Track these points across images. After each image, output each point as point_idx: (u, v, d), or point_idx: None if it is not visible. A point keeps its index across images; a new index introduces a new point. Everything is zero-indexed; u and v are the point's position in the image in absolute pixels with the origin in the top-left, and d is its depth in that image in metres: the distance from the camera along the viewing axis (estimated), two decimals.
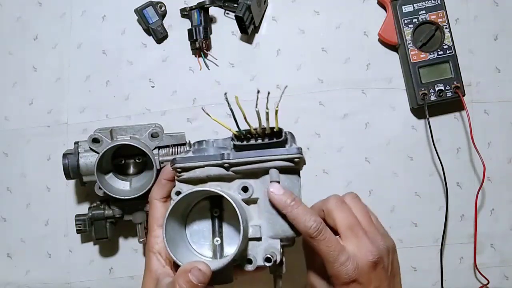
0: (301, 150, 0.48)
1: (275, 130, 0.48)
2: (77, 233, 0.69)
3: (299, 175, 0.50)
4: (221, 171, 0.48)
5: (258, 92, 0.45)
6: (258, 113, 0.46)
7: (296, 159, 0.47)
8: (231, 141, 0.49)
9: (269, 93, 0.45)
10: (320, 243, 0.45)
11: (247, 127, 0.48)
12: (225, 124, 0.48)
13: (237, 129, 0.48)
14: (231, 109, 0.46)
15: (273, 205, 0.47)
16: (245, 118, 0.46)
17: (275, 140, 0.48)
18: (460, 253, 0.74)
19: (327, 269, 0.46)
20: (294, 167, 0.48)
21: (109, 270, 0.74)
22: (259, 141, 0.48)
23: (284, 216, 0.48)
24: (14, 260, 0.75)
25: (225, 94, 0.46)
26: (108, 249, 0.74)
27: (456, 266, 0.74)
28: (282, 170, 0.48)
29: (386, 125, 0.75)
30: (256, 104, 0.46)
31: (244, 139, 0.49)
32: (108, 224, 0.69)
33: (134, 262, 0.74)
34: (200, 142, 0.50)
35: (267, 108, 0.46)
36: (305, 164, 0.52)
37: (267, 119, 0.46)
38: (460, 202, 0.74)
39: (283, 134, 0.48)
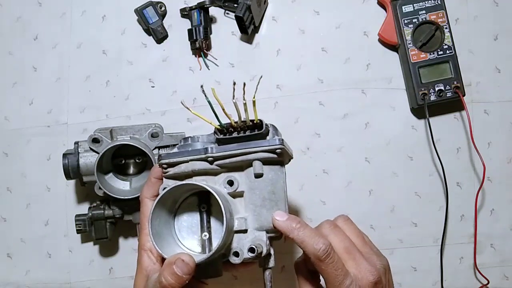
0: (283, 141, 0.48)
1: (255, 122, 0.48)
2: (77, 233, 0.69)
3: (283, 166, 0.50)
4: (205, 165, 0.49)
5: (234, 84, 0.45)
6: (236, 104, 0.46)
7: (278, 150, 0.47)
8: (214, 134, 0.49)
9: (245, 84, 0.45)
10: (329, 266, 0.45)
11: (229, 121, 0.48)
12: (206, 118, 0.48)
13: (218, 123, 0.48)
14: (209, 102, 0.47)
15: (279, 230, 0.47)
16: (223, 109, 0.47)
17: (256, 132, 0.48)
18: (460, 253, 0.74)
19: None
20: (277, 159, 0.48)
21: (109, 270, 0.74)
22: (241, 133, 0.48)
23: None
24: (14, 260, 0.75)
25: (201, 86, 0.46)
26: (108, 249, 0.74)
27: (456, 266, 0.74)
28: (266, 162, 0.48)
29: (386, 125, 0.75)
30: (233, 96, 0.46)
31: (226, 133, 0.49)
32: (108, 224, 0.69)
33: (134, 262, 0.73)
34: (185, 139, 0.51)
35: (244, 100, 0.46)
36: (292, 158, 0.52)
37: (246, 110, 0.47)
38: (460, 202, 0.74)
39: (264, 125, 0.48)
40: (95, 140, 0.66)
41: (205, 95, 0.47)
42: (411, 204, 0.74)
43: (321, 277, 0.48)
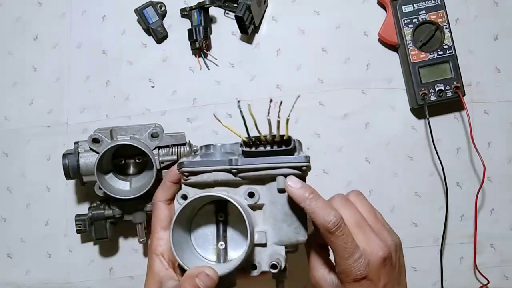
0: (309, 158, 0.48)
1: (284, 138, 0.48)
2: (77, 233, 0.69)
3: (305, 181, 0.50)
4: (228, 176, 0.48)
5: (271, 101, 0.45)
6: (269, 121, 0.46)
7: (304, 167, 0.48)
8: (240, 147, 0.49)
9: (281, 102, 0.45)
10: (338, 238, 0.45)
11: (256, 134, 0.48)
12: (235, 130, 0.48)
13: (246, 135, 0.48)
14: (242, 117, 0.47)
15: (291, 200, 0.47)
16: (256, 125, 0.46)
17: (284, 148, 0.48)
18: (460, 253, 0.74)
19: (339, 265, 0.46)
20: (301, 175, 0.48)
21: (109, 270, 0.74)
22: (268, 148, 0.48)
23: (301, 212, 0.48)
24: (14, 260, 0.75)
25: (238, 101, 0.46)
26: (108, 249, 0.74)
27: (456, 266, 0.74)
28: None
29: (386, 125, 0.75)
30: (268, 113, 0.46)
31: (253, 146, 0.49)
32: (108, 224, 0.69)
33: (134, 262, 0.74)
34: (207, 147, 0.51)
35: (278, 117, 0.46)
36: (310, 170, 0.53)
37: (278, 127, 0.47)
38: (460, 202, 0.74)
39: (292, 142, 0.48)
40: (95, 140, 0.66)
41: (240, 110, 0.46)
42: (411, 204, 0.74)
43: (330, 251, 0.48)
